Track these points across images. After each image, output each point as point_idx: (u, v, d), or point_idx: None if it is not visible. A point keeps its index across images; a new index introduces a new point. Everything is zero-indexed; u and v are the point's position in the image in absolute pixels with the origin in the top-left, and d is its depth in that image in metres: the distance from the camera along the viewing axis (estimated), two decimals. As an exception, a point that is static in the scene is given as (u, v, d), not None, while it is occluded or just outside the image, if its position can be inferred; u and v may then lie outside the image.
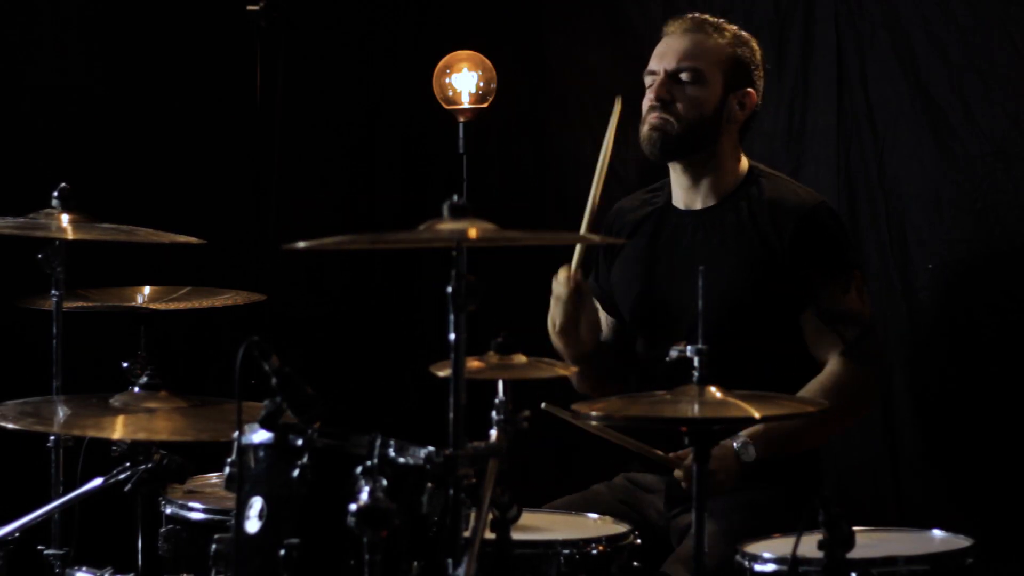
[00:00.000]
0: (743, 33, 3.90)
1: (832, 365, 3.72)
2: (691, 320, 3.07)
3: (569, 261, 3.82)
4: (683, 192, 3.90)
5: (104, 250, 3.90)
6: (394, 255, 5.28)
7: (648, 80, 3.87)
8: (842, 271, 3.75)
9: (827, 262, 3.75)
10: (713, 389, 2.99)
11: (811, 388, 3.69)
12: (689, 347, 2.99)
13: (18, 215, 3.72)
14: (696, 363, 2.99)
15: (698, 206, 3.87)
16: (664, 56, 3.85)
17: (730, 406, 2.94)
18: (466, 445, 2.75)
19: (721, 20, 3.90)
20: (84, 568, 3.53)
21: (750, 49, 3.89)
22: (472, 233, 2.74)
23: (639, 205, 4.00)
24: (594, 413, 3.00)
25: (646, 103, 3.85)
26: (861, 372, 3.72)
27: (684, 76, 3.82)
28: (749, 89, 3.87)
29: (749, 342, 3.73)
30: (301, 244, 2.75)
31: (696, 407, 2.93)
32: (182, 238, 3.83)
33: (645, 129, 3.84)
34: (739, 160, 3.89)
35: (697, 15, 3.91)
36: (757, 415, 2.92)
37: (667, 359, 3.03)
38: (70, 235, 3.66)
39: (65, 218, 3.70)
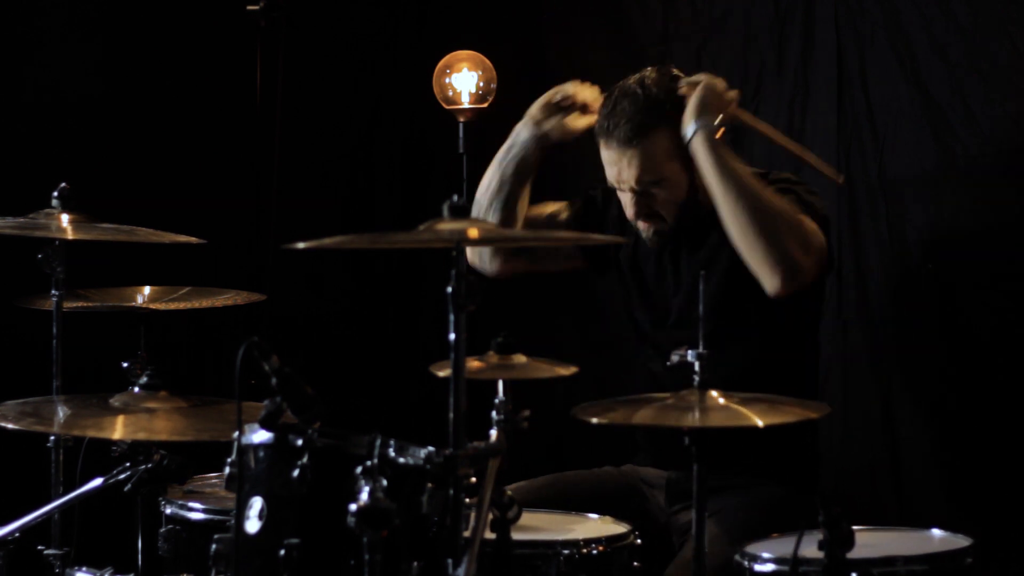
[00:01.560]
0: (664, 77, 3.77)
1: None
2: (692, 323, 3.07)
3: None
4: None
5: (104, 250, 3.89)
6: (394, 255, 5.27)
7: (613, 185, 3.81)
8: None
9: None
10: (714, 393, 2.99)
11: None
12: (690, 352, 2.99)
13: (18, 215, 3.72)
14: (697, 367, 3.00)
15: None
16: (620, 176, 3.76)
17: (731, 412, 2.94)
18: (466, 445, 2.74)
19: (643, 80, 3.77)
20: (84, 568, 3.54)
21: (680, 95, 3.75)
22: (472, 233, 2.73)
23: None
24: (595, 420, 2.99)
25: (627, 212, 3.80)
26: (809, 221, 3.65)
27: (650, 188, 3.75)
28: None
29: (748, 342, 3.73)
30: (300, 244, 2.74)
31: (696, 414, 2.93)
32: (182, 238, 3.82)
33: (642, 231, 3.81)
34: None
35: (622, 105, 3.75)
36: (760, 423, 2.92)
37: (668, 364, 3.03)
38: (70, 235, 3.66)
39: (65, 218, 3.70)
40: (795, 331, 3.80)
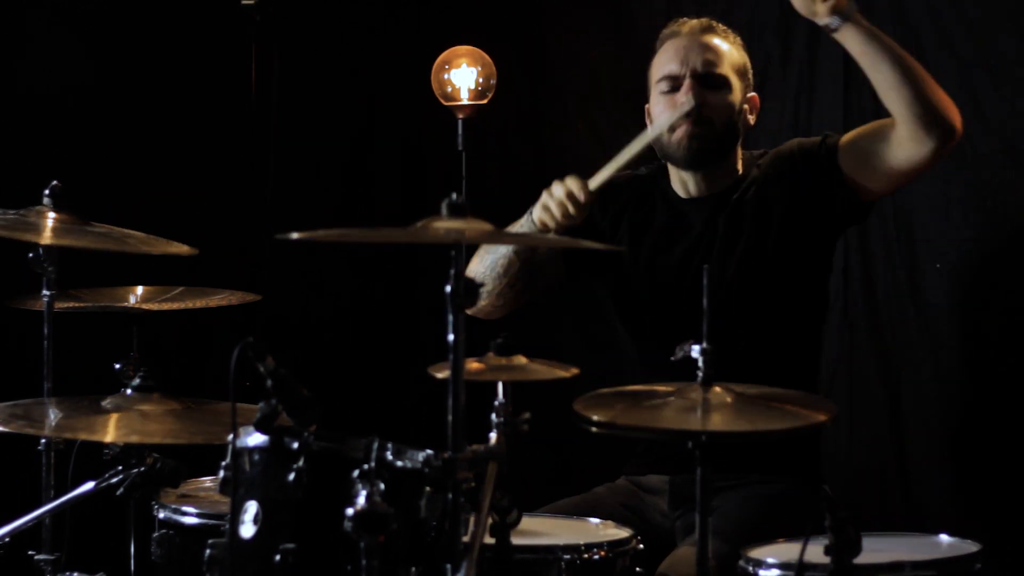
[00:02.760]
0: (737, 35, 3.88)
1: None
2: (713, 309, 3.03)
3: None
4: (687, 187, 3.85)
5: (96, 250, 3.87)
6: (391, 254, 5.25)
7: (665, 85, 3.78)
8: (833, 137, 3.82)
9: (826, 148, 3.78)
10: (719, 389, 2.94)
11: None
12: (695, 346, 2.95)
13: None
14: (700, 363, 2.95)
15: (704, 194, 3.83)
16: (688, 58, 3.76)
17: (738, 413, 2.90)
18: (465, 448, 2.72)
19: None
20: (76, 573, 3.54)
21: (745, 52, 3.86)
22: (470, 233, 2.70)
23: (631, 184, 3.92)
24: (595, 418, 2.95)
25: (679, 105, 3.74)
26: None
27: (712, 80, 3.75)
28: (753, 93, 3.86)
29: (773, 324, 3.73)
30: (295, 235, 2.69)
31: (699, 413, 2.88)
32: (173, 247, 3.77)
33: (680, 138, 3.75)
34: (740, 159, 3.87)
35: (701, 17, 3.86)
36: (770, 427, 2.89)
37: (672, 359, 2.99)
38: (55, 240, 3.62)
39: (52, 216, 3.66)
40: (798, 330, 3.79)
